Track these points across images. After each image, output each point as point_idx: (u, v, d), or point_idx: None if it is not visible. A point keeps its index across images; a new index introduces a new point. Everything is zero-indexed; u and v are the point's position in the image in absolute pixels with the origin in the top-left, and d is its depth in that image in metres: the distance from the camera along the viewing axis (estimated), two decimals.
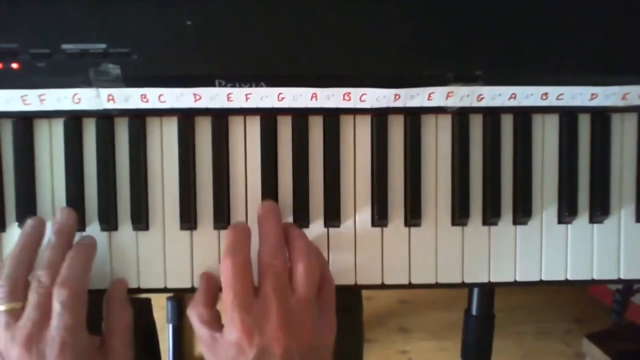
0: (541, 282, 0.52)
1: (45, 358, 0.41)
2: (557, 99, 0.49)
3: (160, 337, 0.69)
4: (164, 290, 0.50)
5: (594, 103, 0.49)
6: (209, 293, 0.48)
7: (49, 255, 0.45)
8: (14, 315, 0.42)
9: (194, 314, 0.46)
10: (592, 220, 0.52)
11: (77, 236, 0.49)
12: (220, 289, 0.46)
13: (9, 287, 0.43)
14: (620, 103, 0.50)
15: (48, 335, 0.42)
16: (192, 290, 0.50)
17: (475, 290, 0.62)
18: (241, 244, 0.45)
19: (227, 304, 0.43)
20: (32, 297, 0.43)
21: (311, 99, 0.47)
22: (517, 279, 0.52)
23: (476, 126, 0.51)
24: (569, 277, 0.52)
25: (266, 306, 0.42)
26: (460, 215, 0.51)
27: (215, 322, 0.45)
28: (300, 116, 0.50)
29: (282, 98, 0.47)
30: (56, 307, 0.42)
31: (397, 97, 0.47)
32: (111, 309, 0.48)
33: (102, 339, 0.47)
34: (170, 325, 1.03)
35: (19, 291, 0.43)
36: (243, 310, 0.42)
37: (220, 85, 0.46)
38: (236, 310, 0.42)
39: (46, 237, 0.47)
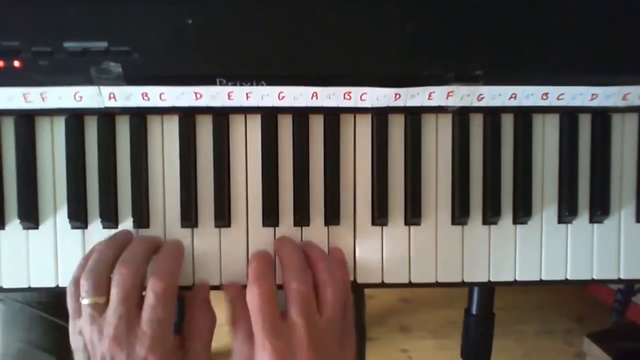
0: (541, 281, 0.52)
1: (136, 352, 0.42)
2: (558, 99, 0.49)
3: None
4: None
5: (595, 103, 0.49)
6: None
7: (131, 251, 0.46)
8: (98, 309, 0.43)
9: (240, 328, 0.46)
10: (592, 220, 0.52)
11: (78, 236, 0.50)
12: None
13: (94, 281, 0.43)
14: (621, 103, 0.50)
15: (138, 329, 0.42)
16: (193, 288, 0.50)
17: (476, 289, 0.62)
18: (266, 272, 0.46)
19: (256, 330, 0.43)
20: (116, 292, 0.43)
21: (312, 98, 0.47)
22: (517, 279, 0.52)
23: (476, 126, 0.51)
24: (569, 277, 0.52)
25: (295, 331, 0.43)
26: (460, 215, 0.51)
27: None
28: (301, 115, 0.50)
29: (283, 97, 0.47)
30: (150, 298, 0.43)
31: (398, 96, 0.48)
32: (196, 311, 0.48)
33: (182, 338, 0.47)
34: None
35: (102, 286, 0.43)
36: (273, 335, 0.43)
37: (221, 84, 0.46)
38: (266, 337, 0.42)
39: None
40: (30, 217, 0.49)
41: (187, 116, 0.49)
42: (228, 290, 0.49)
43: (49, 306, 0.68)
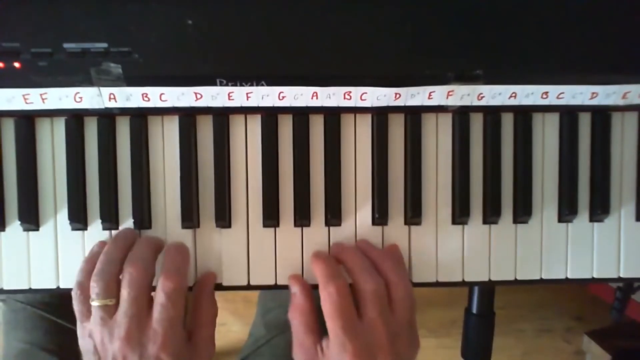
0: (541, 280, 0.52)
1: (148, 351, 0.42)
2: (558, 97, 0.49)
3: None
4: None
5: (595, 102, 0.49)
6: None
7: (138, 251, 0.46)
8: (108, 311, 0.43)
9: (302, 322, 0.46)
10: (592, 219, 0.52)
11: (79, 238, 0.50)
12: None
13: (104, 283, 0.43)
14: (621, 102, 0.50)
15: (149, 329, 0.42)
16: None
17: (476, 289, 0.63)
18: (337, 270, 0.46)
19: (335, 329, 0.43)
20: (126, 292, 0.43)
21: (312, 98, 0.47)
22: (518, 278, 0.52)
23: (476, 125, 0.51)
24: (569, 276, 0.52)
25: (373, 331, 0.43)
26: (460, 214, 0.51)
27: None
28: (301, 115, 0.50)
29: (283, 97, 0.47)
30: (160, 297, 0.43)
31: (398, 96, 0.48)
32: (201, 302, 0.48)
33: (188, 332, 0.47)
34: None
35: (112, 288, 0.44)
36: (353, 336, 0.43)
37: (221, 84, 0.46)
38: (347, 336, 0.43)
39: None
40: (31, 218, 0.49)
41: (188, 117, 0.49)
42: (293, 282, 0.49)
43: (52, 306, 0.68)
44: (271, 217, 0.50)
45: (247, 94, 0.47)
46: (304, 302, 0.47)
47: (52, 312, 0.68)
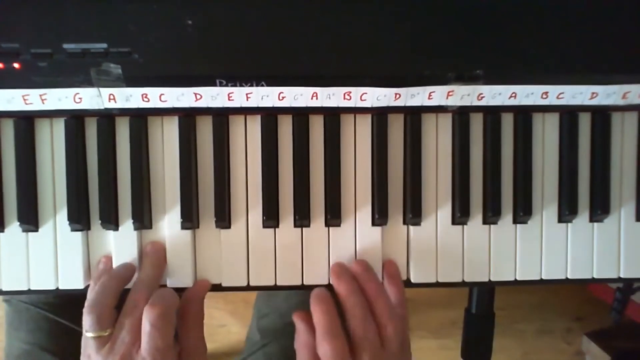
0: (541, 281, 0.52)
1: None
2: (558, 97, 0.49)
3: None
4: None
5: (595, 102, 0.49)
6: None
7: (147, 275, 0.48)
8: (102, 341, 0.44)
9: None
10: (593, 219, 0.52)
11: (78, 239, 0.50)
12: None
13: (97, 315, 0.44)
14: (621, 102, 0.50)
15: (138, 356, 0.43)
16: None
17: (476, 289, 0.63)
18: (335, 328, 0.46)
19: None
20: (126, 320, 0.44)
21: (312, 98, 0.47)
22: (518, 278, 0.52)
23: (476, 125, 0.51)
24: (569, 276, 0.52)
25: None
26: (460, 214, 0.51)
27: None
28: (301, 115, 0.50)
29: (283, 97, 0.47)
30: (146, 327, 0.43)
31: (398, 96, 0.47)
32: (190, 309, 0.48)
33: (178, 339, 0.47)
34: None
35: (105, 319, 0.44)
36: None
37: (221, 85, 0.46)
38: None
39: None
40: (30, 219, 0.49)
41: (187, 117, 0.49)
42: (299, 320, 0.49)
43: (55, 307, 0.68)
44: (271, 218, 0.50)
45: (246, 94, 0.47)
46: (309, 338, 0.47)
47: (56, 312, 0.68)
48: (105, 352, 0.43)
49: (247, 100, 0.47)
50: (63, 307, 0.68)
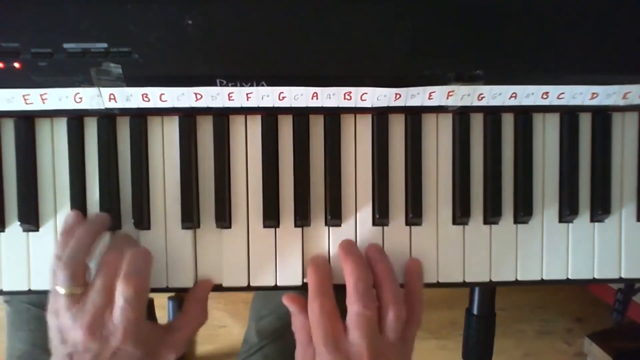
0: (542, 281, 0.52)
1: (109, 344, 0.42)
2: (558, 98, 0.49)
3: None
4: (166, 289, 0.51)
5: (595, 102, 0.49)
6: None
7: (118, 240, 0.47)
8: (74, 299, 0.43)
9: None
10: (593, 219, 0.52)
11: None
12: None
13: (70, 271, 0.43)
14: (621, 102, 0.50)
15: (111, 324, 0.43)
16: None
17: (477, 289, 0.63)
18: (325, 287, 0.46)
19: (316, 341, 0.44)
20: (101, 282, 0.43)
21: (312, 98, 0.47)
22: (518, 278, 0.52)
23: (477, 125, 0.51)
24: (570, 277, 0.52)
25: (357, 349, 0.43)
26: (461, 215, 0.51)
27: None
28: (301, 115, 0.50)
29: (283, 97, 0.47)
30: (119, 301, 0.43)
31: (398, 96, 0.47)
32: (192, 306, 0.49)
33: (169, 327, 0.48)
34: None
35: (79, 276, 0.44)
36: (333, 349, 0.43)
37: (221, 85, 0.46)
38: (326, 349, 0.43)
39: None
40: (31, 219, 0.49)
41: (188, 117, 0.49)
42: (289, 303, 0.49)
43: None
44: (271, 218, 0.50)
45: (247, 94, 0.47)
46: (304, 320, 0.47)
47: None
48: (75, 311, 0.43)
49: (248, 100, 0.47)
50: None
